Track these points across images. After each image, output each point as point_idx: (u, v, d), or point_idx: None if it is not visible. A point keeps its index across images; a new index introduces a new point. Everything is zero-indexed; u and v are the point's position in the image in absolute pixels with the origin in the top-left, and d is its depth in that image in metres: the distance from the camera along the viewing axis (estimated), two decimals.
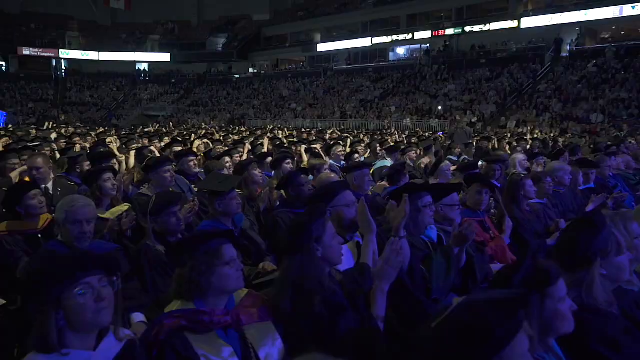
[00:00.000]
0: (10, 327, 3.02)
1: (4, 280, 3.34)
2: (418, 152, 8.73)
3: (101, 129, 15.99)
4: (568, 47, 30.45)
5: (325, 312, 1.97)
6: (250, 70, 48.48)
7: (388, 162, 7.97)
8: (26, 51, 45.15)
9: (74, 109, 43.54)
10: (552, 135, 19.62)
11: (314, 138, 13.21)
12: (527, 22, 32.28)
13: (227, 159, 5.88)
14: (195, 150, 7.99)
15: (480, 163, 6.83)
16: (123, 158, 6.72)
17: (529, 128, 21.36)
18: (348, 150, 8.67)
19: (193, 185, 5.55)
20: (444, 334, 1.09)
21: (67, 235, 2.73)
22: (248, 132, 18.07)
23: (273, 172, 6.03)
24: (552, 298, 1.68)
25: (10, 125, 24.31)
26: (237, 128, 25.53)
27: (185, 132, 17.30)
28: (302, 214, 2.20)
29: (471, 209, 3.90)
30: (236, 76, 48.14)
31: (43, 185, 4.48)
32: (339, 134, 16.70)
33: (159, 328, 1.80)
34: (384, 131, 23.52)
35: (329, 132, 17.38)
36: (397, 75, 37.06)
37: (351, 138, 14.52)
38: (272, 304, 2.04)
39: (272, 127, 26.52)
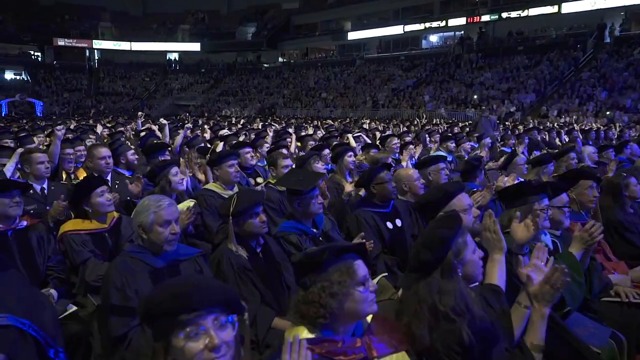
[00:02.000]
0: (83, 334, 2.80)
1: (73, 283, 3.13)
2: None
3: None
4: (608, 33, 29.03)
5: (475, 342, 1.64)
6: (280, 59, 48.15)
7: (443, 154, 7.58)
8: (61, 42, 45.89)
9: (107, 99, 44.15)
10: (597, 125, 18.71)
11: (358, 129, 12.81)
12: (568, 7, 30.97)
13: (285, 150, 5.58)
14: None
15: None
16: None
17: (573, 118, 20.42)
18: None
19: (250, 178, 5.30)
20: None
21: (157, 238, 2.46)
22: (284, 123, 17.78)
23: (330, 165, 5.73)
24: None
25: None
26: (271, 117, 25.15)
27: (223, 122, 17.05)
28: (437, 224, 1.86)
29: (573, 211, 3.48)
30: (265, 65, 47.90)
31: None
32: (377, 125, 16.24)
33: None
34: (420, 121, 22.92)
35: (366, 122, 16.91)
36: (430, 64, 36.17)
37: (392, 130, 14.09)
38: (407, 331, 1.72)
39: (304, 117, 26.17)
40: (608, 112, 22.68)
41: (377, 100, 33.61)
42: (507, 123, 20.57)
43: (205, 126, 12.47)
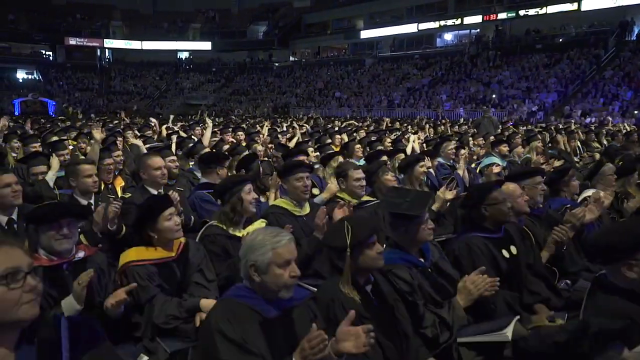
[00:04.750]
0: None
1: (137, 325, 2.63)
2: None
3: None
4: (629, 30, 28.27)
5: None
6: (291, 58, 47.63)
7: (496, 159, 7.04)
8: (72, 41, 45.67)
9: (118, 98, 43.84)
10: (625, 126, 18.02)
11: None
12: (589, 4, 30.20)
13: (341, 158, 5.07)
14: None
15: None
16: None
17: (606, 118, 19.64)
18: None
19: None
20: None
21: (274, 282, 1.96)
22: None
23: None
24: None
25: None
26: (292, 118, 24.30)
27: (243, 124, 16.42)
28: None
29: None
30: (276, 64, 47.40)
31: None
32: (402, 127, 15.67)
33: None
34: (440, 121, 22.30)
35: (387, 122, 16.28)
36: (445, 62, 35.51)
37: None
38: None
39: (315, 116, 25.41)
40: (636, 112, 22.00)
41: (392, 100, 33.01)
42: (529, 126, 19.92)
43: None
